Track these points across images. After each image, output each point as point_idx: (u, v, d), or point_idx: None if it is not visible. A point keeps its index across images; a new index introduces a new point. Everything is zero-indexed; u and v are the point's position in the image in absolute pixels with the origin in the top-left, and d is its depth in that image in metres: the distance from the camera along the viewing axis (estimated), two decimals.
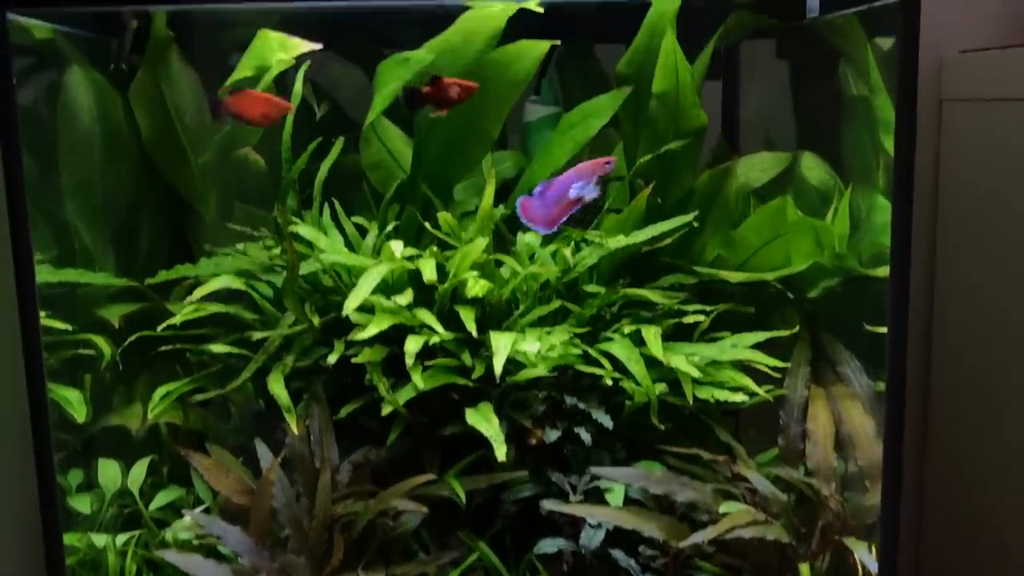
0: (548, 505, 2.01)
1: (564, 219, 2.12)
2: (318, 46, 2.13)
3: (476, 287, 2.07)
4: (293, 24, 2.20)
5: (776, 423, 2.23)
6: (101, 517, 2.18)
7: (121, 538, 2.12)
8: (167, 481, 2.29)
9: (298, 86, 2.23)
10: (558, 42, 2.21)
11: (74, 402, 2.19)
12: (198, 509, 2.15)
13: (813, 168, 2.41)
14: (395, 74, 2.20)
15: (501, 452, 1.93)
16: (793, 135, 2.65)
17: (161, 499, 2.20)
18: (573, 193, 2.08)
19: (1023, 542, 2.15)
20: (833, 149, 2.50)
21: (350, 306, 1.99)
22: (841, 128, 2.49)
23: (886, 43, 2.47)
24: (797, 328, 2.19)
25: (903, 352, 1.91)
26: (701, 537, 1.85)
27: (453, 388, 2.08)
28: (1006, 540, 2.21)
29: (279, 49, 2.11)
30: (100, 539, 2.10)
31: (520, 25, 2.19)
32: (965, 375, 2.39)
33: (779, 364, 2.12)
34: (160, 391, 2.16)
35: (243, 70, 2.17)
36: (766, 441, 2.28)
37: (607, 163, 2.12)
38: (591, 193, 2.09)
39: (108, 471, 2.23)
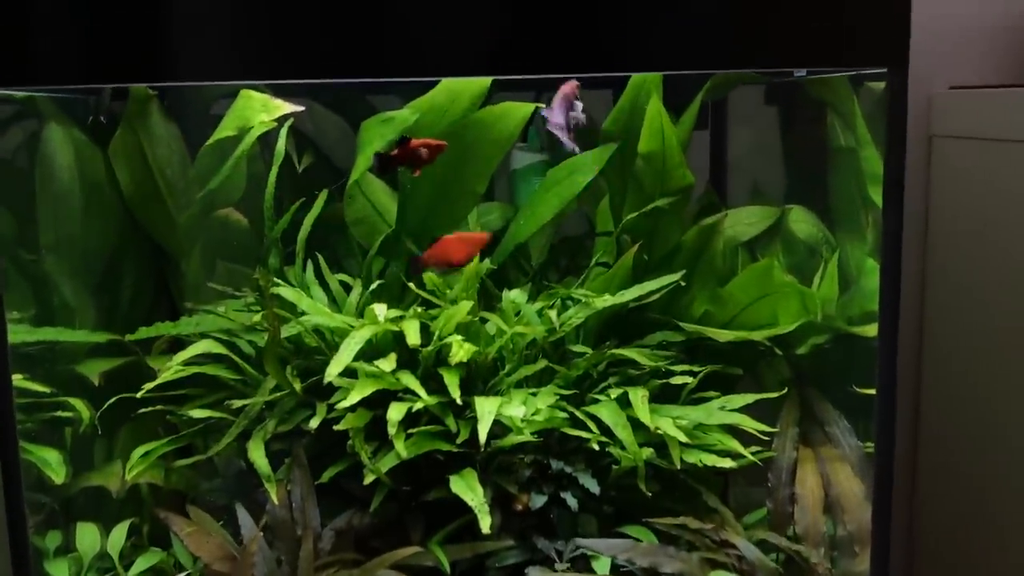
0: (534, 574, 1.98)
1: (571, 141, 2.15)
2: (300, 108, 2.11)
3: (460, 352, 2.04)
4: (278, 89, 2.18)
5: (764, 480, 2.21)
6: None
7: None
8: (148, 543, 2.26)
9: (281, 144, 2.20)
10: (543, 105, 2.20)
11: (52, 463, 2.15)
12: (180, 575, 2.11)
13: (801, 222, 2.39)
14: (378, 133, 2.18)
15: (485, 524, 1.90)
16: (781, 185, 2.64)
17: (142, 564, 2.17)
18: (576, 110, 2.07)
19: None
20: (821, 200, 2.49)
21: (333, 372, 1.96)
22: (829, 179, 2.48)
23: (875, 88, 2.46)
24: (786, 390, 2.17)
25: (892, 405, 1.89)
26: None
27: (437, 451, 2.05)
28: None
29: (261, 110, 2.08)
30: None
31: (505, 81, 2.18)
32: (955, 423, 2.38)
33: (767, 429, 2.10)
34: (139, 451, 2.13)
35: (225, 130, 2.14)
36: (754, 497, 2.26)
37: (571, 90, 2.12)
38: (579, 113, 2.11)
39: (87, 534, 2.20)
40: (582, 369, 2.16)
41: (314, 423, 2.04)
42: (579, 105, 2.23)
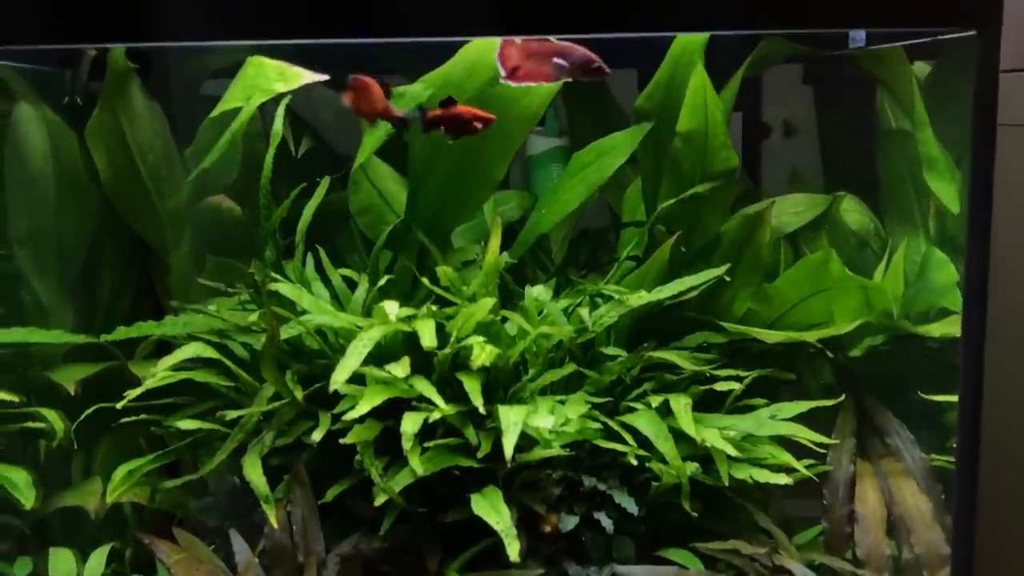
0: None
1: (530, 82, 1.81)
2: (324, 76, 1.87)
3: (483, 355, 1.82)
4: (268, 54, 1.95)
5: (814, 495, 1.99)
6: None
7: None
8: (129, 568, 2.03)
9: (278, 123, 1.98)
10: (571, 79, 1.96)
11: (20, 485, 1.93)
12: None
13: (853, 211, 2.18)
14: None
15: (514, 551, 1.68)
16: (820, 172, 2.43)
17: None
18: (551, 70, 1.77)
19: None
20: (868, 188, 2.27)
21: (338, 379, 1.74)
22: (879, 165, 2.26)
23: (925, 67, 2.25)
24: (843, 397, 1.95)
25: (977, 412, 1.66)
26: None
27: (456, 467, 1.82)
28: None
29: (277, 79, 1.85)
30: None
31: None
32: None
33: (825, 440, 1.88)
34: (122, 469, 1.90)
35: (232, 100, 1.92)
36: (802, 513, 2.05)
37: (597, 65, 1.81)
38: (562, 74, 1.79)
39: (61, 561, 1.96)
40: (615, 374, 1.94)
41: (317, 435, 1.81)
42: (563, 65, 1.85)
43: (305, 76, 1.87)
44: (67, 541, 2.04)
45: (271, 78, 1.88)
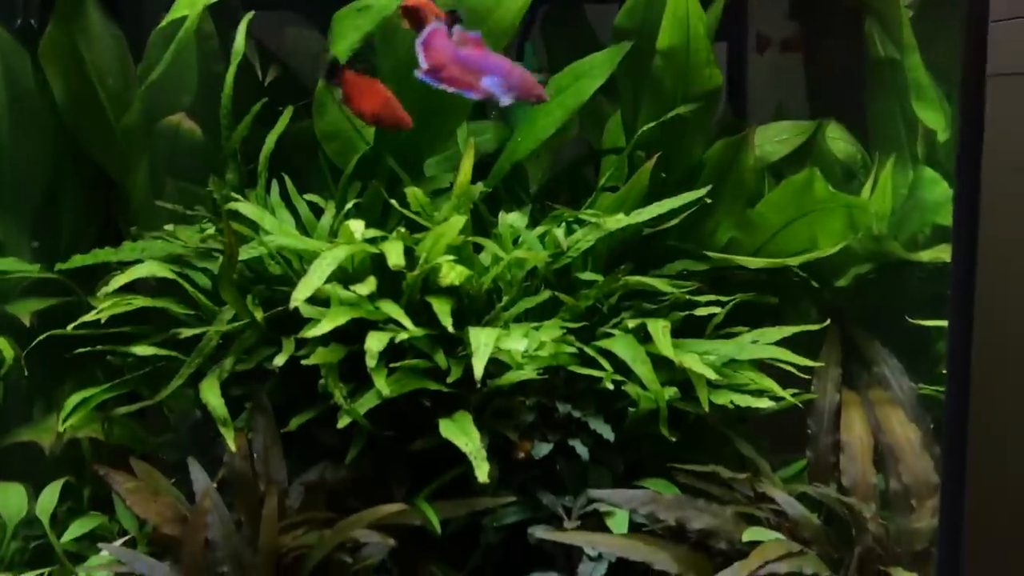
0: (538, 533, 1.68)
1: (449, 87, 1.72)
2: None
3: (452, 274, 1.74)
4: None
5: (797, 427, 1.92)
6: (2, 552, 1.83)
7: None
8: (87, 506, 1.95)
9: (240, 39, 1.90)
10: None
11: None
12: (119, 541, 1.80)
13: (838, 139, 2.10)
14: (353, 24, 1.88)
15: (483, 472, 1.60)
16: (806, 102, 2.36)
17: (77, 529, 1.87)
18: (487, 82, 1.69)
19: None
20: (855, 117, 2.20)
21: (299, 297, 1.66)
22: (865, 94, 2.19)
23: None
24: (828, 322, 1.88)
25: (967, 333, 1.58)
26: None
27: (424, 394, 1.75)
28: None
29: None
30: None
31: None
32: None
33: (810, 363, 1.81)
34: (74, 398, 1.82)
35: (180, 9, 1.84)
36: (782, 452, 1.98)
37: (539, 95, 1.73)
38: (501, 99, 1.70)
39: (11, 497, 1.89)
40: (592, 299, 1.86)
41: (279, 360, 1.74)
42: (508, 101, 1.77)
43: None
44: (23, 478, 1.96)
45: None
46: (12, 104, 2.03)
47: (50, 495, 1.87)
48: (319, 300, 1.75)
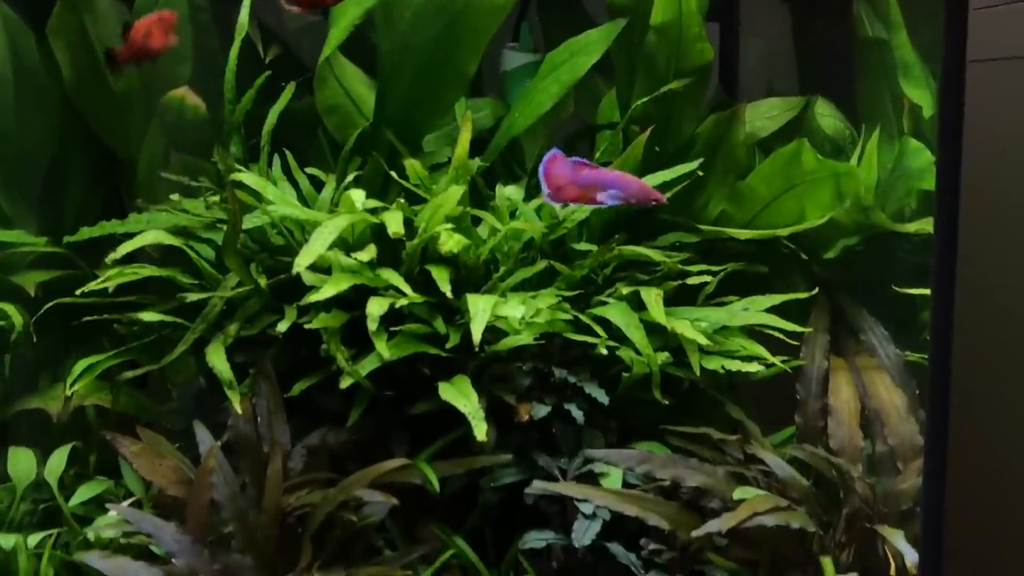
0: (535, 488, 1.73)
1: (566, 204, 1.86)
2: None
3: (450, 242, 1.79)
4: None
5: (786, 399, 1.97)
6: (12, 514, 1.87)
7: (35, 538, 1.81)
8: (93, 472, 1.99)
9: (244, 14, 1.94)
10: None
11: None
12: (126, 503, 1.84)
13: (827, 116, 2.15)
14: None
15: (481, 431, 1.65)
16: (797, 81, 2.40)
17: (84, 492, 1.91)
18: (601, 197, 1.79)
19: None
20: (844, 95, 2.25)
21: (302, 263, 1.70)
22: (854, 72, 2.24)
23: None
24: (816, 290, 1.93)
25: (949, 302, 1.63)
26: (718, 526, 1.58)
27: (424, 359, 1.80)
28: None
29: None
30: (9, 539, 1.79)
31: None
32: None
33: (799, 329, 1.86)
34: (81, 364, 1.86)
35: None
36: (773, 420, 2.03)
37: (655, 199, 1.82)
38: (610, 202, 1.81)
39: (21, 461, 1.93)
40: (587, 268, 1.91)
41: (282, 326, 1.79)
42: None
43: None
44: (32, 445, 2.00)
45: None
46: (18, 80, 2.07)
47: (58, 459, 1.91)
48: (321, 268, 1.79)
